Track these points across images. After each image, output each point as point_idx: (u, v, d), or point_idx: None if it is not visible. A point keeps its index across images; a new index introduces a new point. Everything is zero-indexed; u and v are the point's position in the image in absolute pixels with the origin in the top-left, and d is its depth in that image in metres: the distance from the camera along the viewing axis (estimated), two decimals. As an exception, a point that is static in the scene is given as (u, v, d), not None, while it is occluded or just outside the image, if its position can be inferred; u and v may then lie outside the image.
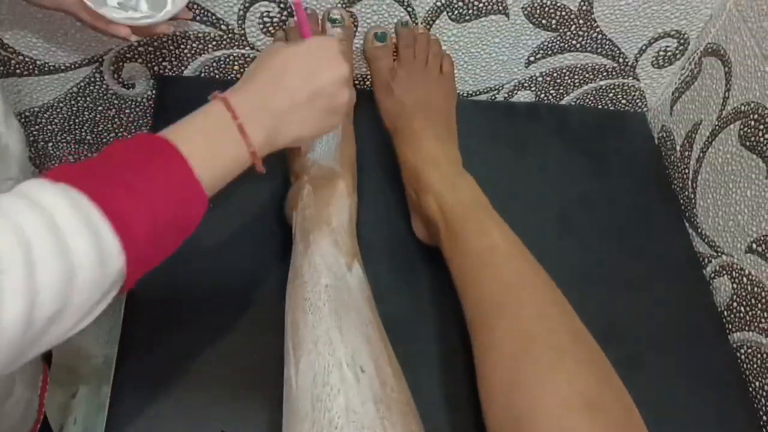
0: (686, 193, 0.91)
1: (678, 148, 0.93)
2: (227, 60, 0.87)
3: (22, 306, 0.38)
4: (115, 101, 0.92)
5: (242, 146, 0.52)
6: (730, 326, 0.82)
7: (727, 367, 0.79)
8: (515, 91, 0.95)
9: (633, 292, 0.81)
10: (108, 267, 0.43)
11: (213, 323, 0.70)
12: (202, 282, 0.72)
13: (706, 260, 0.87)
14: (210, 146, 0.50)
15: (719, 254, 0.84)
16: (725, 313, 0.83)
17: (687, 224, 0.90)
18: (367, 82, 0.91)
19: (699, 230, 0.88)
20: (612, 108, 0.99)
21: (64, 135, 0.97)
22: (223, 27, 0.83)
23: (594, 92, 0.96)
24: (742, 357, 0.79)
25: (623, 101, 0.98)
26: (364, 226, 0.76)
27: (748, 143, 0.79)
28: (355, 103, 0.77)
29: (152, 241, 0.46)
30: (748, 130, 0.79)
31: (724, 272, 0.83)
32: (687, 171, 0.91)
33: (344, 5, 0.81)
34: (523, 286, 0.62)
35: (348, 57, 0.78)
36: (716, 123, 0.85)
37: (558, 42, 0.88)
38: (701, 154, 0.88)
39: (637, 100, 0.98)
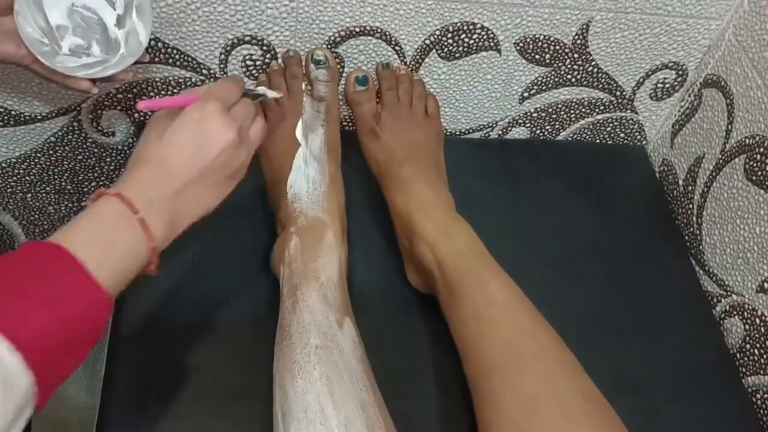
0: (691, 229, 0.87)
1: (681, 182, 0.90)
2: (210, 105, 0.84)
3: None
4: (95, 150, 0.89)
5: (143, 241, 0.50)
6: (743, 369, 0.78)
7: (743, 413, 0.75)
8: (509, 128, 0.92)
9: (641, 337, 0.77)
10: (12, 393, 0.40)
11: (199, 381, 0.66)
12: (187, 338, 0.68)
13: (714, 300, 0.83)
14: (109, 245, 0.48)
15: (729, 293, 0.81)
16: (738, 355, 0.79)
17: (693, 262, 0.86)
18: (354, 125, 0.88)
19: (706, 268, 0.84)
20: (610, 142, 0.96)
21: (44, 186, 0.93)
22: (204, 71, 0.80)
23: (591, 127, 0.93)
24: (758, 402, 0.75)
25: (621, 135, 0.95)
26: (355, 275, 0.72)
27: (754, 178, 0.76)
28: (342, 147, 0.75)
29: (57, 352, 0.43)
30: (755, 164, 0.76)
31: (735, 312, 0.80)
32: (691, 206, 0.87)
33: (329, 45, 0.78)
34: (525, 343, 0.58)
35: (333, 98, 0.75)
36: (720, 156, 0.82)
37: (552, 77, 0.85)
38: (705, 189, 0.84)
39: (636, 134, 0.95)
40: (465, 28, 0.78)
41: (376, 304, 0.73)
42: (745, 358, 0.77)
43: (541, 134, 0.94)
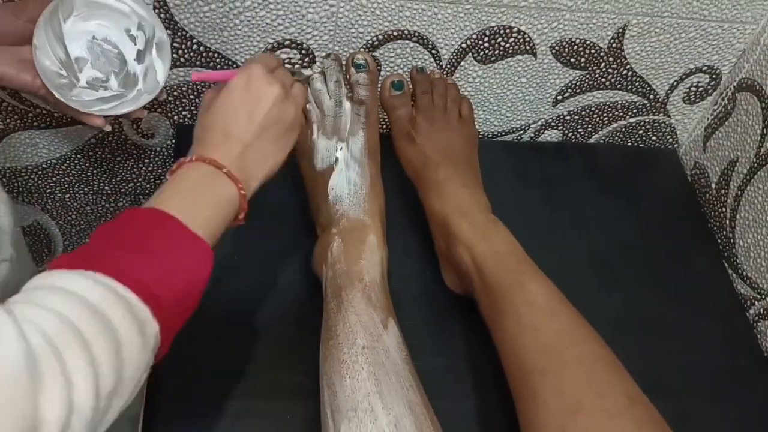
0: (724, 232, 0.88)
1: (713, 185, 0.90)
2: (248, 107, 0.85)
3: (91, 383, 0.39)
4: (134, 151, 0.90)
5: (233, 191, 0.54)
6: (778, 372, 0.78)
7: (779, 416, 0.75)
8: (542, 131, 0.93)
9: (675, 341, 0.78)
10: (147, 336, 0.44)
11: (242, 380, 0.67)
12: (229, 338, 0.70)
13: (748, 303, 0.83)
14: (202, 202, 0.52)
15: (763, 296, 0.81)
16: (772, 358, 0.79)
17: (726, 265, 0.86)
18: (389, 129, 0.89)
19: (740, 271, 0.85)
20: (642, 145, 0.96)
21: (82, 186, 0.95)
22: (243, 74, 0.81)
23: (623, 130, 0.94)
24: (794, 405, 0.76)
25: (653, 138, 0.95)
26: (392, 277, 0.73)
27: (791, 181, 0.76)
28: (380, 149, 0.76)
29: (174, 302, 0.47)
30: (791, 168, 0.76)
31: (770, 315, 0.80)
32: (724, 210, 0.88)
33: (367, 49, 0.79)
34: (567, 345, 0.59)
35: (373, 102, 0.76)
36: (754, 160, 0.82)
37: (587, 80, 0.86)
38: (739, 192, 0.85)
39: (668, 137, 0.95)
40: (501, 31, 0.79)
41: (413, 306, 0.74)
42: (780, 361, 0.78)
43: (573, 137, 0.94)
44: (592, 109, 0.90)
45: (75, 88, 0.64)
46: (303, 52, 0.79)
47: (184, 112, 0.85)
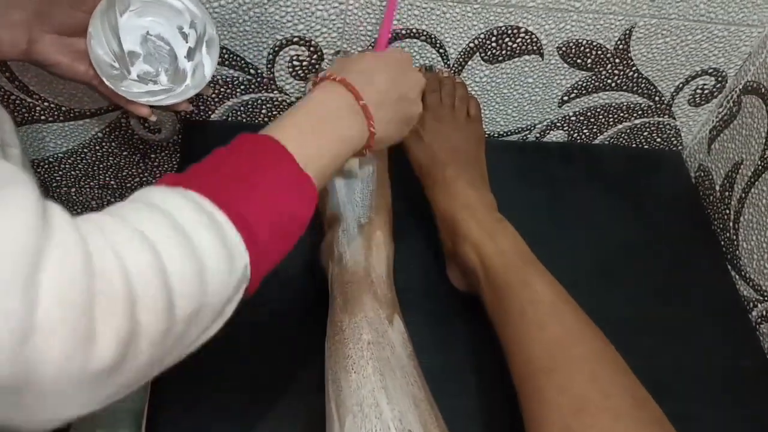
0: (727, 234, 0.88)
1: (717, 187, 0.90)
2: (255, 104, 0.85)
3: (162, 305, 0.37)
4: (141, 146, 0.91)
5: (363, 127, 0.54)
6: (780, 374, 0.78)
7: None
8: (547, 131, 0.93)
9: (677, 342, 0.78)
10: (234, 264, 0.43)
11: (247, 375, 0.67)
12: (235, 333, 0.70)
13: (751, 305, 0.83)
14: (326, 134, 0.52)
15: (766, 299, 0.81)
16: (775, 360, 0.79)
17: (729, 267, 0.87)
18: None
19: (743, 273, 0.85)
20: (646, 147, 0.97)
21: (88, 180, 0.95)
22: (251, 71, 0.81)
23: (628, 131, 0.94)
24: (796, 407, 0.76)
25: (658, 140, 0.96)
26: (397, 274, 0.73)
27: (795, 184, 0.76)
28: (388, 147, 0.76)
29: (270, 237, 0.46)
30: (796, 171, 0.76)
31: (772, 317, 0.80)
32: (728, 212, 0.88)
33: (374, 47, 0.80)
34: (572, 344, 0.59)
35: None
36: (759, 163, 0.82)
37: (593, 81, 0.86)
38: (743, 195, 0.85)
39: (672, 139, 0.96)
40: (509, 31, 0.79)
41: (418, 303, 0.74)
42: (782, 364, 0.78)
43: (578, 138, 0.94)
44: (598, 110, 0.90)
45: (125, 80, 0.66)
46: (311, 49, 0.79)
47: (206, 94, 0.85)
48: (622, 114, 0.91)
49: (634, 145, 0.97)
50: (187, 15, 0.67)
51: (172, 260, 0.38)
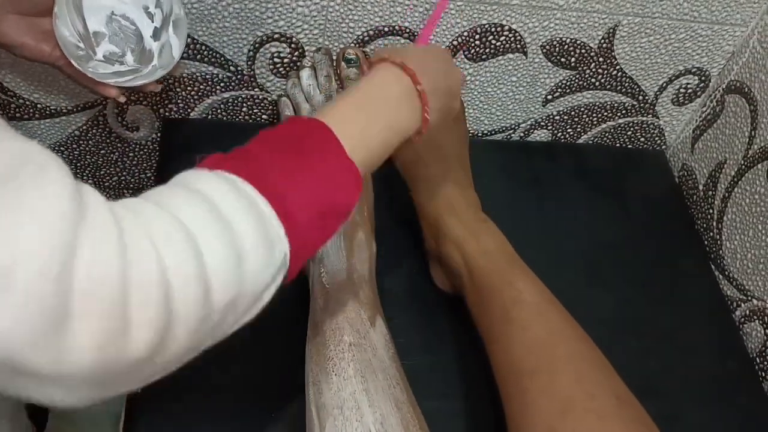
0: (711, 234, 0.88)
1: (701, 187, 0.90)
2: (235, 102, 0.84)
3: (198, 293, 0.37)
4: (119, 144, 0.89)
5: (417, 115, 0.53)
6: (763, 374, 0.78)
7: (763, 417, 0.75)
8: (531, 131, 0.92)
9: (661, 341, 0.78)
10: (274, 251, 0.42)
11: (227, 378, 0.66)
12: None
13: (734, 304, 0.83)
14: (380, 119, 0.50)
15: (749, 298, 0.81)
16: (758, 359, 0.79)
17: (713, 266, 0.87)
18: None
19: (726, 273, 0.85)
20: (630, 146, 0.97)
21: (65, 179, 0.93)
22: (231, 68, 0.80)
23: (612, 130, 0.94)
24: (779, 407, 0.76)
25: (642, 139, 0.95)
26: (380, 275, 0.72)
27: (778, 184, 0.76)
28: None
29: (311, 225, 0.44)
30: (779, 171, 0.76)
31: (755, 317, 0.80)
32: (711, 211, 0.88)
33: (357, 44, 0.79)
34: (556, 345, 0.58)
35: None
36: (742, 162, 0.82)
37: (577, 80, 0.86)
38: (727, 194, 0.85)
39: (656, 138, 0.95)
40: (493, 29, 0.79)
41: (400, 304, 0.73)
42: (765, 363, 0.78)
43: (562, 137, 0.94)
44: (582, 109, 0.90)
45: (91, 60, 0.64)
46: (292, 46, 0.78)
47: (170, 105, 0.84)
48: (605, 113, 0.91)
49: (617, 145, 0.96)
50: None
51: (210, 249, 0.38)
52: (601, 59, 0.83)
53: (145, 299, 0.34)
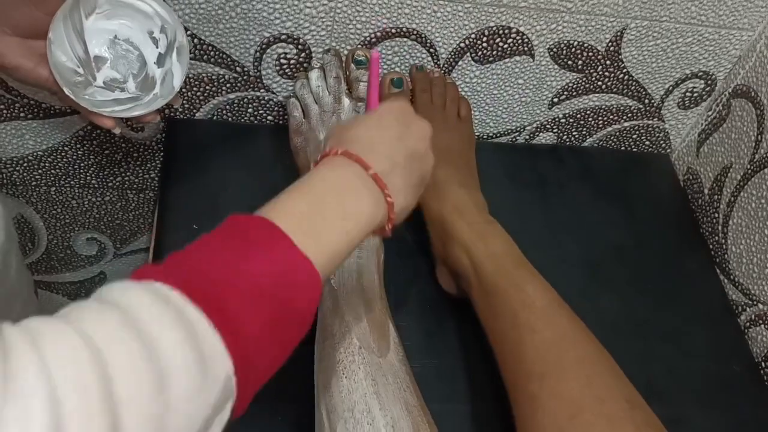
0: (716, 238, 0.88)
1: (706, 191, 0.90)
2: (241, 103, 0.84)
3: (102, 422, 0.30)
4: (123, 144, 0.89)
5: (379, 200, 0.47)
6: (769, 378, 0.78)
7: (768, 422, 0.75)
8: (537, 133, 0.92)
9: (666, 345, 0.78)
10: (211, 371, 0.35)
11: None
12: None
13: (740, 309, 0.83)
14: (335, 209, 0.45)
15: (755, 303, 0.81)
16: (763, 364, 0.79)
17: (718, 270, 0.86)
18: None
19: (731, 277, 0.85)
20: (635, 150, 0.96)
21: (68, 179, 0.93)
22: (238, 69, 0.80)
23: (617, 134, 0.94)
24: (784, 411, 0.76)
25: (647, 143, 0.95)
26: (386, 278, 0.72)
27: (785, 188, 0.76)
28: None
29: (262, 336, 0.38)
30: (786, 175, 0.76)
31: (761, 322, 0.80)
32: (717, 215, 0.88)
33: (365, 46, 0.78)
34: (565, 348, 0.58)
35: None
36: (748, 166, 0.82)
37: (583, 83, 0.86)
38: (732, 198, 0.85)
39: (661, 142, 0.95)
40: (500, 32, 0.78)
41: (407, 307, 0.73)
42: (771, 368, 0.78)
43: (567, 140, 0.94)
44: (588, 112, 0.90)
45: (90, 87, 0.62)
46: (300, 47, 0.78)
47: (175, 106, 0.83)
48: (611, 116, 0.91)
49: (623, 148, 0.96)
50: (158, 20, 0.64)
51: (121, 373, 0.31)
52: (608, 62, 0.83)
53: None
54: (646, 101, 0.89)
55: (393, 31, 0.77)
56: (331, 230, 0.44)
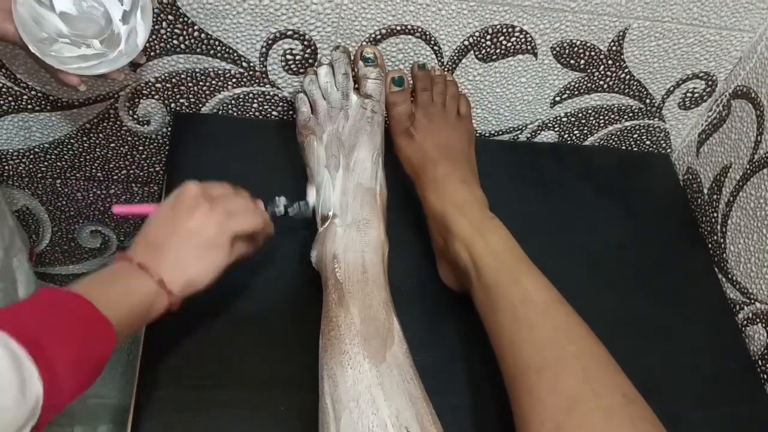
0: (715, 237, 0.89)
1: (705, 191, 0.91)
2: (246, 98, 0.84)
3: None
4: (129, 138, 0.89)
5: (145, 281, 0.57)
6: (765, 376, 0.79)
7: (765, 419, 0.76)
8: (538, 132, 0.93)
9: (665, 342, 0.79)
10: (27, 396, 0.43)
11: (236, 372, 0.66)
12: (224, 329, 0.69)
13: (737, 307, 0.84)
14: (112, 288, 0.56)
15: (752, 301, 0.82)
16: (760, 362, 0.80)
17: (717, 269, 0.87)
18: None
19: (729, 276, 0.86)
20: (635, 149, 0.97)
21: (74, 172, 0.94)
22: (244, 64, 0.80)
23: (618, 133, 0.95)
24: (780, 409, 0.77)
25: (647, 142, 0.96)
26: (389, 272, 0.73)
27: (784, 188, 0.77)
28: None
29: (68, 372, 0.47)
30: (785, 175, 0.77)
31: (758, 320, 0.81)
32: (716, 215, 0.89)
33: (370, 43, 0.79)
34: (563, 343, 0.59)
35: (380, 97, 0.75)
36: (748, 167, 0.83)
37: (585, 82, 0.86)
38: (731, 198, 0.86)
39: (662, 141, 0.96)
40: (504, 30, 0.79)
41: (408, 301, 0.74)
42: (767, 365, 0.79)
43: (568, 138, 0.95)
44: (589, 111, 0.91)
45: (56, 43, 0.62)
46: (306, 43, 0.79)
47: (181, 100, 0.84)
48: (612, 116, 0.92)
49: (623, 147, 0.97)
50: None
51: None
52: (610, 62, 0.84)
53: None
54: (647, 101, 0.90)
55: (398, 28, 0.78)
56: (121, 301, 0.55)
